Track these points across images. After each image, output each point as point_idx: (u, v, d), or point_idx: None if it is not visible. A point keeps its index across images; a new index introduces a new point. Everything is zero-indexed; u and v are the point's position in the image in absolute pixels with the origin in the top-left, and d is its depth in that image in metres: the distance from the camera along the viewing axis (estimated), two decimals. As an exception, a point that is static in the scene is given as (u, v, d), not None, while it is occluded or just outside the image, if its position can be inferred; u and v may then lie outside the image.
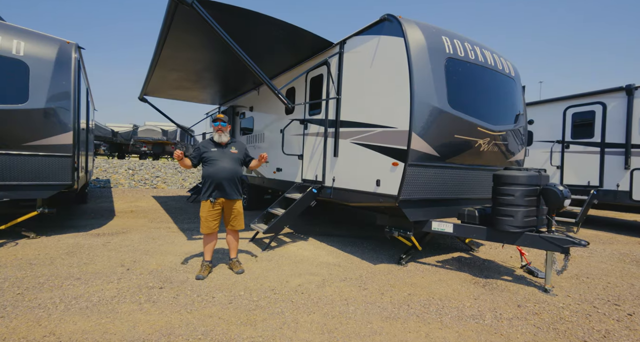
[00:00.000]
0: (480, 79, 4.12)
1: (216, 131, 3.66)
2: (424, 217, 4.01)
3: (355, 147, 4.43)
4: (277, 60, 5.95)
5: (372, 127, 4.13)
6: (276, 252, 4.62)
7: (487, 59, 4.17)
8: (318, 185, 5.16)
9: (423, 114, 3.60)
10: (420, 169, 3.73)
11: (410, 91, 3.54)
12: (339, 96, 4.79)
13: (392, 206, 3.82)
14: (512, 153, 4.55)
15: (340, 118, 4.78)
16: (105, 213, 7.33)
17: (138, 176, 14.47)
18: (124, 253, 4.32)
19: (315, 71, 5.48)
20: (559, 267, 3.31)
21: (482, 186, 4.41)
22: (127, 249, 4.50)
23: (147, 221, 6.62)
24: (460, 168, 4.09)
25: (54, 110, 4.62)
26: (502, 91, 4.39)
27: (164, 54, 5.45)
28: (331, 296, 3.15)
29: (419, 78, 3.58)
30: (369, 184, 4.14)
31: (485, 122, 4.00)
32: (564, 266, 3.21)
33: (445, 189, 4.05)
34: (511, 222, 3.37)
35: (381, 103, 4.00)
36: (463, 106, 3.83)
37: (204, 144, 3.67)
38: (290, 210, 4.89)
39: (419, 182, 3.77)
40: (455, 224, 3.85)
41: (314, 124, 5.48)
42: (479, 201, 4.48)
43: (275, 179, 6.76)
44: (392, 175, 3.78)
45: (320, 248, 4.95)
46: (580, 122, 7.21)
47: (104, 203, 8.88)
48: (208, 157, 3.58)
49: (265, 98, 7.36)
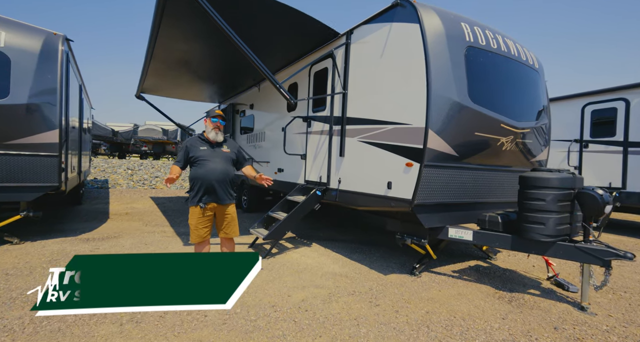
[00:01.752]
0: (503, 70, 3.74)
1: (213, 128, 3.30)
2: (439, 223, 3.63)
3: (364, 146, 4.06)
4: (278, 53, 5.58)
5: (383, 124, 3.76)
6: (277, 260, 4.26)
7: (510, 48, 3.78)
8: (322, 187, 4.80)
9: (441, 109, 3.23)
10: (437, 170, 3.35)
11: (427, 83, 3.17)
12: (345, 91, 4.42)
13: (406, 211, 3.45)
14: (535, 153, 4.16)
15: (347, 115, 4.41)
16: (99, 215, 7.00)
17: (137, 176, 14.16)
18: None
19: (319, 65, 5.11)
20: (597, 282, 2.92)
21: (502, 188, 4.02)
22: (115, 257, 4.14)
23: (141, 224, 6.29)
24: (479, 169, 3.71)
25: (38, 106, 4.28)
26: (526, 84, 4.00)
27: (158, 46, 5.10)
28: (339, 313, 2.78)
29: (436, 69, 3.20)
30: (379, 186, 3.76)
31: (509, 118, 3.62)
32: (603, 281, 2.83)
33: (463, 192, 3.67)
34: (541, 231, 2.99)
35: (393, 97, 3.63)
36: (485, 100, 3.45)
37: (191, 142, 3.30)
38: (293, 214, 4.53)
39: (435, 185, 3.40)
40: (475, 231, 3.47)
41: (318, 121, 5.12)
42: (500, 205, 4.10)
43: (276, 180, 6.40)
44: (406, 177, 3.40)
45: (325, 255, 4.59)
46: (601, 119, 6.79)
47: (99, 204, 8.56)
48: (197, 157, 3.21)
49: (266, 95, 7.00)
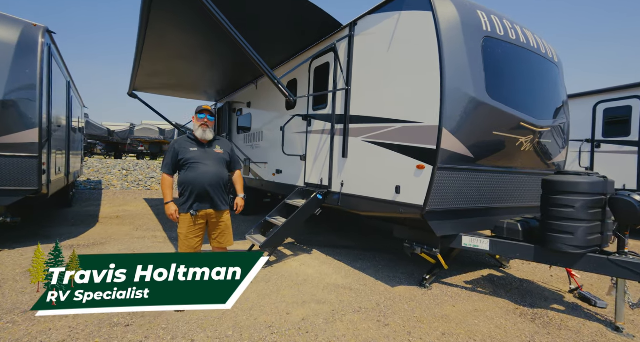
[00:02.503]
0: (522, 63, 3.42)
1: (200, 126, 2.97)
2: (452, 230, 3.32)
3: (369, 146, 3.74)
4: (276, 47, 5.25)
5: (390, 123, 3.44)
6: (275, 270, 3.93)
7: (529, 39, 3.47)
8: (323, 190, 4.48)
9: (456, 106, 2.91)
10: (451, 173, 3.04)
11: (441, 77, 2.85)
12: (348, 87, 4.10)
13: (416, 218, 3.13)
14: (554, 154, 3.85)
15: (350, 112, 4.09)
16: (87, 219, 6.66)
17: (132, 177, 13.80)
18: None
19: (321, 59, 4.79)
20: (634, 299, 2.61)
21: (519, 192, 3.71)
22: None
23: (132, 229, 5.95)
24: (496, 172, 3.39)
25: (14, 102, 3.94)
26: (546, 79, 3.69)
27: (148, 40, 4.78)
28: (344, 336, 2.47)
29: (451, 61, 2.89)
30: (386, 190, 3.45)
31: (529, 116, 3.31)
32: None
33: (478, 197, 3.35)
34: (569, 241, 2.68)
35: (402, 93, 3.31)
36: (503, 96, 3.14)
37: (179, 143, 2.97)
38: (292, 220, 4.20)
39: (449, 189, 3.08)
40: (491, 240, 3.15)
41: (318, 120, 4.79)
42: (516, 211, 3.79)
43: (274, 182, 6.08)
44: (417, 180, 3.08)
45: (326, 264, 4.27)
46: (614, 118, 6.49)
47: (90, 207, 8.21)
48: (187, 160, 2.88)
49: (264, 92, 6.67)
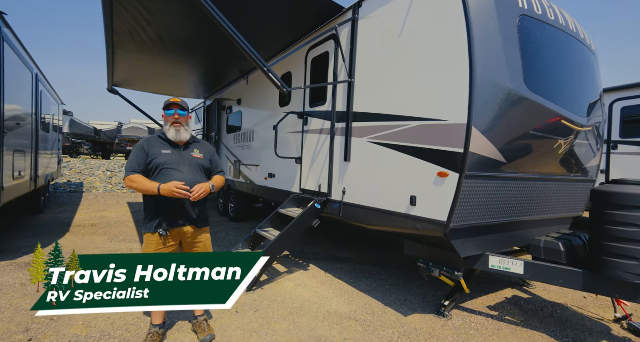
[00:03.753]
0: (562, 49, 2.89)
1: (172, 125, 2.37)
2: (478, 250, 2.78)
3: (376, 148, 3.18)
4: (266, 38, 4.65)
5: (403, 121, 2.88)
6: (266, 293, 3.35)
7: (568, 22, 2.94)
8: (322, 198, 3.91)
9: (489, 99, 2.36)
10: (481, 182, 2.49)
11: (471, 64, 2.29)
12: (351, 79, 3.54)
13: (437, 236, 2.58)
14: (589, 158, 3.34)
15: (354, 109, 3.53)
16: (57, 228, 5.98)
17: (117, 179, 13.05)
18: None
19: (318, 49, 4.21)
20: None
21: (550, 202, 3.19)
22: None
23: (106, 240, 5.30)
24: (528, 179, 2.86)
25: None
26: (585, 69, 3.16)
27: (118, 29, 4.16)
28: (353, 396, 1.89)
29: (482, 44, 2.33)
30: (398, 201, 2.89)
31: (570, 113, 2.78)
32: None
33: (507, 210, 2.82)
34: (632, 269, 2.14)
35: (419, 85, 2.75)
36: (543, 88, 2.60)
37: (149, 142, 2.36)
38: (286, 233, 3.62)
39: (477, 202, 2.53)
40: (527, 263, 2.61)
41: (316, 118, 4.22)
42: (545, 223, 3.27)
43: (266, 186, 5.49)
44: (438, 190, 2.53)
45: (326, 284, 3.69)
46: (633, 117, 6.04)
47: (64, 213, 7.50)
48: (158, 165, 2.28)
49: (256, 88, 6.07)
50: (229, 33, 2.95)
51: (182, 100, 2.43)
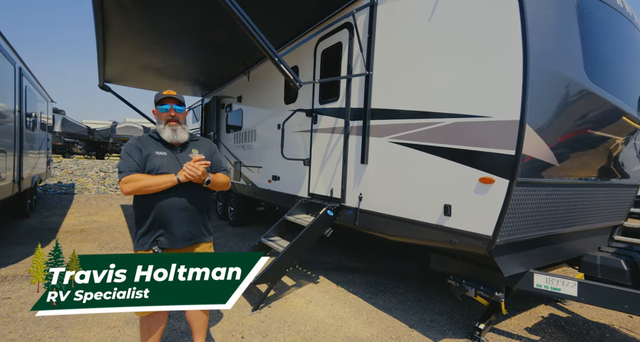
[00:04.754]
0: (620, 34, 2.53)
1: (167, 124, 1.97)
2: (522, 267, 2.41)
3: (399, 149, 2.81)
4: (271, 29, 4.26)
5: (433, 118, 2.51)
6: (274, 313, 2.96)
7: (624, 4, 2.58)
8: (334, 204, 3.53)
9: (545, 91, 2.00)
10: (532, 190, 2.13)
11: (524, 48, 1.92)
12: (369, 72, 3.16)
13: (479, 252, 2.21)
14: (636, 159, 2.99)
15: (372, 105, 3.15)
16: (43, 234, 5.54)
17: (110, 180, 12.57)
18: (16, 325, 2.60)
19: (329, 40, 3.83)
20: None
21: (596, 210, 2.83)
22: (27, 316, 2.77)
23: (95, 247, 4.88)
24: (578, 184, 2.50)
25: None
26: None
27: (111, 18, 3.76)
28: None
29: (537, 25, 1.97)
30: (427, 210, 2.52)
31: (631, 108, 2.42)
32: None
33: (554, 220, 2.46)
34: None
35: (453, 76, 2.38)
36: (604, 79, 2.24)
37: (142, 142, 1.95)
38: (295, 244, 3.23)
39: (525, 212, 2.17)
40: (582, 283, 2.25)
41: (327, 115, 3.84)
42: (588, 234, 2.92)
43: (270, 190, 5.10)
44: (480, 199, 2.16)
45: (340, 300, 3.32)
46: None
47: (53, 217, 7.05)
48: (151, 169, 1.89)
49: (258, 84, 5.68)
50: (236, 16, 2.55)
51: (177, 93, 2.03)
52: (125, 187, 1.82)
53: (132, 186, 1.81)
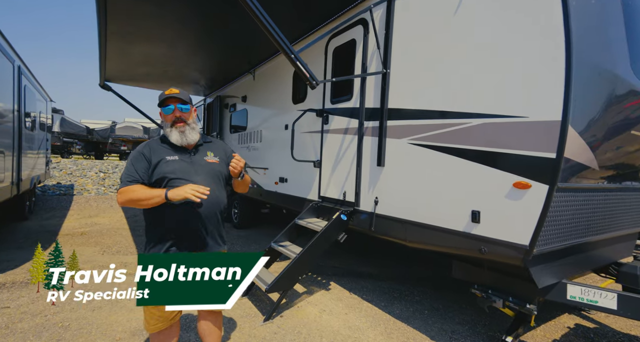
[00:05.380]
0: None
1: (173, 126, 1.81)
2: (555, 277, 2.27)
3: (420, 151, 2.66)
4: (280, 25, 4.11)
5: (459, 118, 2.37)
6: (287, 323, 2.81)
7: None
8: (348, 208, 3.38)
9: (588, 89, 1.85)
10: (570, 195, 1.98)
11: (567, 42, 1.78)
12: (386, 70, 3.01)
13: (513, 263, 2.06)
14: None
15: (389, 105, 3.01)
16: (43, 237, 5.37)
17: (110, 181, 12.40)
18: (15, 338, 2.45)
19: (342, 37, 3.68)
20: None
21: (627, 216, 2.69)
22: (27, 328, 2.61)
23: (96, 252, 4.72)
24: (612, 189, 2.36)
25: None
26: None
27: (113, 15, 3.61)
28: None
29: (580, 17, 1.82)
30: (452, 216, 2.37)
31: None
32: None
33: (589, 227, 2.31)
34: None
35: (482, 73, 2.23)
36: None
37: (151, 147, 1.81)
38: (309, 250, 3.09)
39: (563, 219, 2.03)
40: (622, 295, 2.10)
41: (339, 115, 3.69)
42: (617, 241, 2.77)
43: (277, 192, 4.95)
44: (514, 206, 2.01)
45: (354, 308, 3.17)
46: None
47: (52, 219, 6.88)
48: (163, 176, 1.73)
49: (264, 83, 5.53)
50: (251, 10, 2.40)
51: (180, 90, 1.86)
52: (119, 197, 1.70)
53: (124, 197, 1.68)
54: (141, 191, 1.67)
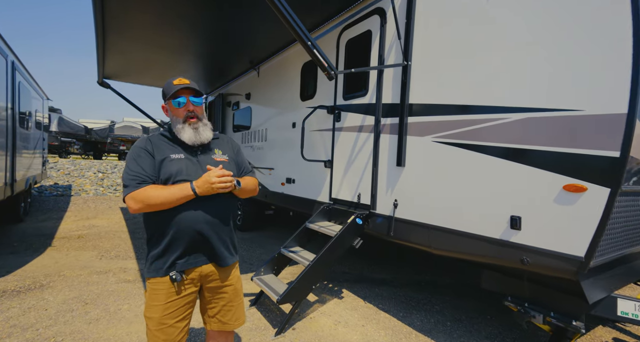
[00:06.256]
0: None
1: (186, 122, 1.55)
2: (604, 291, 2.03)
3: (447, 150, 2.42)
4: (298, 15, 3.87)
5: (495, 113, 2.13)
6: (300, 337, 2.57)
7: None
8: (363, 211, 3.14)
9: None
10: (631, 199, 1.75)
11: (635, 21, 1.54)
12: (407, 62, 2.77)
13: (565, 276, 1.82)
14: None
15: (410, 100, 2.77)
16: (38, 241, 5.12)
17: (109, 181, 12.15)
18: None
19: (356, 28, 3.44)
20: None
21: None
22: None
23: (94, 256, 4.47)
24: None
25: None
26: None
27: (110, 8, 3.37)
28: None
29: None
30: (488, 222, 2.13)
31: None
32: None
33: (636, 234, 2.08)
34: None
35: (523, 60, 1.99)
36: None
37: (154, 143, 1.54)
38: (322, 258, 2.84)
39: (620, 226, 1.79)
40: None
41: (353, 112, 3.45)
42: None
43: (283, 193, 4.71)
44: (565, 211, 1.77)
45: (371, 319, 2.93)
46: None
47: (48, 221, 6.63)
48: (168, 176, 1.49)
49: (269, 80, 5.29)
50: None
51: (191, 81, 1.61)
52: (132, 204, 1.41)
53: (140, 204, 1.40)
54: (158, 193, 1.40)
